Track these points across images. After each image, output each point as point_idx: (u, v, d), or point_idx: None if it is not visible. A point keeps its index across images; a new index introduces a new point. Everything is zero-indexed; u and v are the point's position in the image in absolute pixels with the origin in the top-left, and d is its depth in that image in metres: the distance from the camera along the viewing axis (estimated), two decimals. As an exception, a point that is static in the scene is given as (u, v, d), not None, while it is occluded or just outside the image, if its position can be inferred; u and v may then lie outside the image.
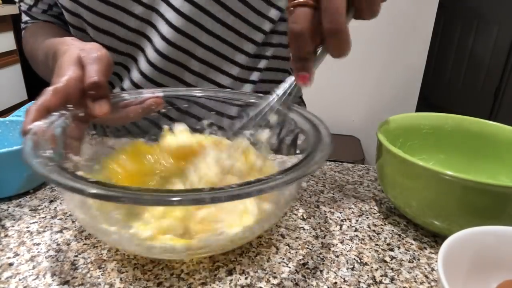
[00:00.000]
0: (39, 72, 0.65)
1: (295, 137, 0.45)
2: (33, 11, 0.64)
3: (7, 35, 2.00)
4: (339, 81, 1.84)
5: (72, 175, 0.28)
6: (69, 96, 0.38)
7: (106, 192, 0.26)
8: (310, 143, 0.36)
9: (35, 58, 0.60)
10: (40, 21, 0.66)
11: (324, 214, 0.45)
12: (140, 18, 0.55)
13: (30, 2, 0.63)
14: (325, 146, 0.34)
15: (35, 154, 0.30)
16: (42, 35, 0.59)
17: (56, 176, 0.27)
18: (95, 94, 0.39)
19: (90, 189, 0.26)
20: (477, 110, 2.29)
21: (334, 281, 0.34)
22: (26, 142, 0.32)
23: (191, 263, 0.36)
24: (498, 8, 2.23)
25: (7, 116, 0.54)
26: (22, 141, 0.32)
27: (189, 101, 0.52)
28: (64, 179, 0.27)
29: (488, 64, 2.32)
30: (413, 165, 0.37)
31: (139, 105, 0.45)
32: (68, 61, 0.40)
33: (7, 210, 0.43)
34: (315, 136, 0.37)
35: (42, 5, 0.63)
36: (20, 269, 0.34)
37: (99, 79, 0.38)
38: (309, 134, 0.38)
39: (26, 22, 0.67)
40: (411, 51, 1.78)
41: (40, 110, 0.36)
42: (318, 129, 0.38)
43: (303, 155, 0.33)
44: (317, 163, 0.31)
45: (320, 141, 0.35)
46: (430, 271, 0.36)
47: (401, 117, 0.49)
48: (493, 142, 0.47)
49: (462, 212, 0.36)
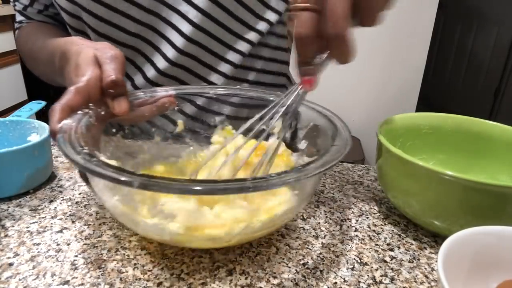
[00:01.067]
0: (37, 71, 0.64)
1: (294, 132, 0.45)
2: (28, 11, 0.64)
3: (7, 35, 1.99)
4: (339, 81, 1.84)
5: (118, 169, 0.29)
6: (90, 95, 0.39)
7: (152, 182, 0.27)
8: (328, 136, 0.38)
9: (35, 58, 0.60)
10: (35, 21, 0.65)
11: (324, 214, 0.45)
12: (142, 23, 0.56)
13: (26, 2, 0.63)
14: (343, 137, 0.37)
15: (75, 151, 0.31)
16: (42, 35, 0.59)
17: (104, 170, 0.28)
18: (114, 92, 0.39)
19: (136, 181, 0.27)
20: (477, 110, 2.29)
21: (334, 281, 0.34)
22: (60, 140, 0.32)
23: (191, 263, 0.36)
24: (498, 8, 2.23)
25: (7, 116, 0.54)
26: (57, 139, 0.33)
27: (205, 97, 0.53)
28: (114, 174, 0.28)
29: (488, 64, 2.31)
30: (413, 165, 0.37)
31: (153, 104, 0.46)
32: (85, 61, 0.41)
33: (7, 210, 0.43)
34: (332, 128, 0.39)
35: (38, 5, 0.63)
36: (20, 269, 0.34)
37: (117, 77, 0.39)
38: (325, 127, 0.40)
39: (21, 22, 0.66)
40: (411, 51, 1.78)
41: (65, 109, 0.37)
42: (333, 122, 0.40)
43: (325, 149, 0.35)
44: (340, 152, 0.33)
45: (338, 131, 0.38)
46: (430, 271, 0.36)
47: (401, 117, 0.49)
48: (493, 142, 0.47)
49: (462, 212, 0.36)
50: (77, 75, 0.40)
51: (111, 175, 0.28)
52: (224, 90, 0.50)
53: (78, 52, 0.42)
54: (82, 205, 0.44)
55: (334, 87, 1.84)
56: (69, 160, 0.30)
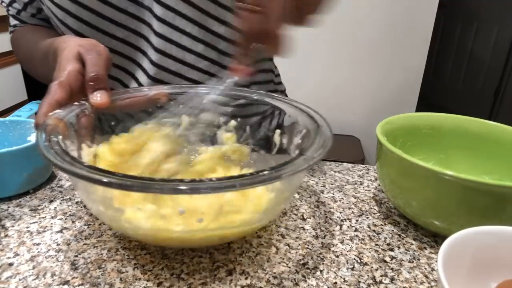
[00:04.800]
0: (33, 72, 0.65)
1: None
2: (22, 15, 0.64)
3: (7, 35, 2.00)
4: (339, 81, 1.84)
5: (90, 167, 0.29)
6: (72, 88, 0.40)
7: (125, 182, 0.27)
8: (310, 133, 0.38)
9: (30, 59, 0.60)
10: (29, 25, 0.66)
11: (324, 214, 0.45)
12: (128, 28, 0.56)
13: (19, 6, 0.63)
14: (325, 132, 0.37)
15: (49, 146, 0.31)
16: (37, 37, 0.59)
17: (68, 165, 0.29)
18: (95, 85, 0.41)
19: (104, 179, 0.27)
20: (477, 110, 2.29)
21: (334, 281, 0.34)
22: (39, 134, 0.33)
23: (191, 263, 0.36)
24: (498, 8, 2.23)
25: (7, 116, 0.54)
26: (35, 134, 0.34)
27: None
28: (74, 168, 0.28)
29: (488, 64, 2.31)
30: (413, 165, 0.37)
31: (144, 96, 0.47)
32: (67, 57, 0.42)
33: (7, 210, 0.43)
34: (313, 124, 0.39)
35: (31, 9, 0.63)
36: (20, 269, 0.34)
37: (97, 72, 0.40)
38: (306, 124, 0.40)
39: (15, 26, 0.66)
40: (411, 51, 1.78)
41: (52, 104, 0.38)
42: (313, 118, 0.41)
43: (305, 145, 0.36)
44: (323, 147, 0.34)
45: (319, 128, 0.38)
46: (430, 271, 0.36)
47: (401, 117, 0.49)
48: (493, 142, 0.47)
49: (462, 212, 0.36)
50: (58, 70, 0.41)
51: (79, 173, 0.28)
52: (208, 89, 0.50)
53: (64, 49, 0.43)
54: (82, 205, 0.44)
55: (334, 87, 1.84)
56: (42, 156, 0.31)
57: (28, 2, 0.62)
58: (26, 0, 0.62)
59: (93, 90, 0.41)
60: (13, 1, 0.63)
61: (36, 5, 0.62)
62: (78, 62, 0.41)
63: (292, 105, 0.44)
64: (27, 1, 0.62)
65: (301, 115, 0.42)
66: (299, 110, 0.43)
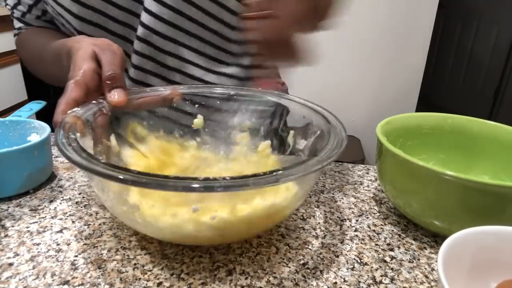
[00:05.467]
0: (41, 73, 0.65)
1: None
2: (27, 17, 0.64)
3: (7, 35, 1.99)
4: (339, 81, 1.84)
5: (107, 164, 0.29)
6: (88, 87, 0.41)
7: (140, 179, 0.27)
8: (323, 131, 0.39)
9: (39, 60, 0.60)
10: (34, 27, 0.65)
11: (324, 214, 0.45)
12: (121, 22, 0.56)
13: (24, 8, 0.63)
14: (338, 131, 0.38)
15: (67, 143, 0.32)
16: (44, 38, 0.59)
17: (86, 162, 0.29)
18: (112, 83, 0.41)
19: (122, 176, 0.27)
20: (477, 110, 2.29)
21: (334, 281, 0.34)
22: (57, 132, 0.34)
23: (191, 263, 0.36)
24: (498, 8, 2.23)
25: (7, 116, 0.54)
26: (55, 131, 0.35)
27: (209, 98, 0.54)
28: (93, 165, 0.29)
29: (488, 64, 2.31)
30: (413, 165, 0.37)
31: (158, 95, 0.47)
32: (82, 56, 0.42)
33: (7, 210, 0.43)
34: (326, 124, 0.40)
35: (36, 11, 0.63)
36: (20, 269, 0.34)
37: (114, 72, 0.41)
38: (319, 123, 0.41)
39: (20, 29, 0.66)
40: (411, 51, 1.78)
41: (69, 103, 0.39)
42: (325, 118, 0.41)
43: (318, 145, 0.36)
44: (338, 147, 0.34)
45: (332, 127, 0.39)
46: (430, 271, 0.36)
47: (401, 117, 0.49)
48: (493, 142, 0.47)
49: (462, 212, 0.36)
50: (74, 69, 0.41)
51: (100, 171, 0.28)
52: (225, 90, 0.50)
53: (78, 49, 0.44)
54: (82, 205, 0.44)
55: (334, 87, 1.85)
56: (60, 152, 0.31)
57: (33, 4, 0.62)
58: (30, 2, 0.62)
59: (111, 88, 0.41)
60: (18, 4, 0.63)
61: (41, 7, 0.62)
62: (93, 62, 0.42)
63: (306, 106, 0.45)
64: (31, 3, 0.62)
65: (315, 116, 0.42)
66: (313, 111, 0.43)
